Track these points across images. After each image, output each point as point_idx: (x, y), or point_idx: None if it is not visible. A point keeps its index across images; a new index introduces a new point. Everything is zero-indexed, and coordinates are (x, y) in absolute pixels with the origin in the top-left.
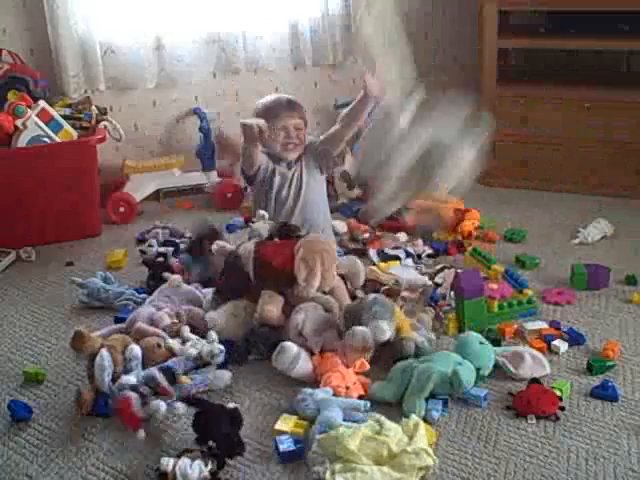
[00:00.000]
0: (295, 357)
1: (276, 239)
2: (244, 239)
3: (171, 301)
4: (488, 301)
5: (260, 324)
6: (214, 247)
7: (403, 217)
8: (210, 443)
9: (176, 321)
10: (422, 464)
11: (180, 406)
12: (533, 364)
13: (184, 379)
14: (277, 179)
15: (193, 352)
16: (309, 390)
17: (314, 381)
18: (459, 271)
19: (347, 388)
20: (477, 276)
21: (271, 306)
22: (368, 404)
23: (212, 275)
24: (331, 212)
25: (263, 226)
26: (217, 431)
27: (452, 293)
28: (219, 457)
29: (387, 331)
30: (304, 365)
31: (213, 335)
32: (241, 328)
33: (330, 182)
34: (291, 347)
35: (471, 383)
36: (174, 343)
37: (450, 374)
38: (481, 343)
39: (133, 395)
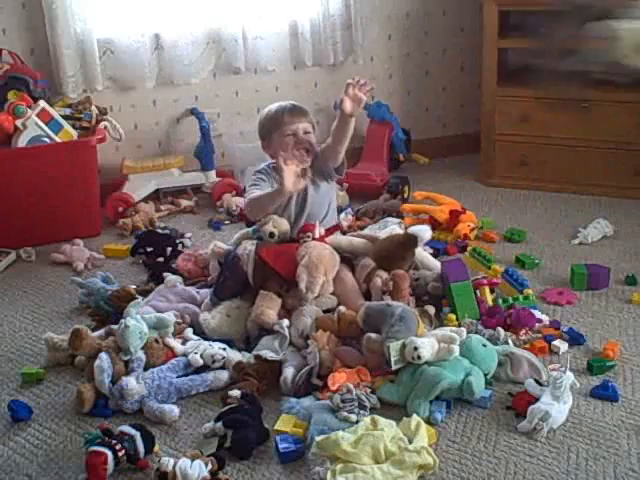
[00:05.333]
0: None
1: None
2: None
3: (168, 300)
4: (478, 287)
5: (257, 326)
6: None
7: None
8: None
9: (180, 321)
10: (422, 462)
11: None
12: (529, 370)
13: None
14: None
15: (199, 361)
16: (294, 399)
17: None
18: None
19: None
20: (460, 262)
21: (270, 310)
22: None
23: None
24: None
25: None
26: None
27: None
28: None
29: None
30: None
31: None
32: (234, 328)
33: None
34: (291, 372)
35: (482, 390)
36: (175, 343)
37: (461, 384)
38: (484, 345)
39: (109, 454)
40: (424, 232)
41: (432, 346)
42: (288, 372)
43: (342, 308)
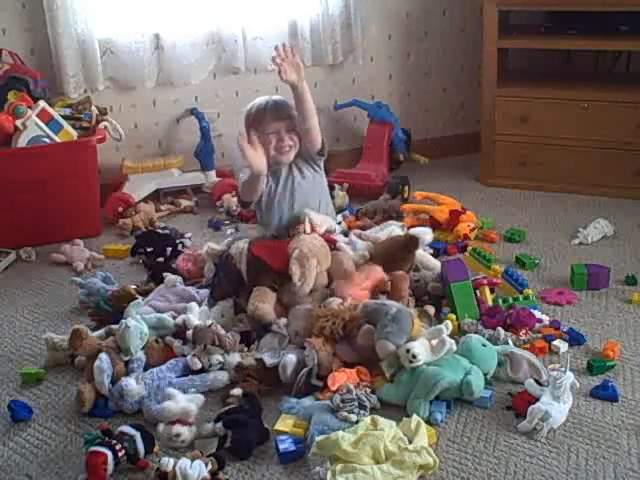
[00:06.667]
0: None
1: None
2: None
3: (167, 300)
4: (478, 287)
5: (255, 324)
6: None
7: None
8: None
9: (178, 322)
10: (422, 462)
11: None
12: (529, 370)
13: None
14: (273, 185)
15: (197, 364)
16: (294, 399)
17: None
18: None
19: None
20: (460, 262)
21: (264, 304)
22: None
23: None
24: None
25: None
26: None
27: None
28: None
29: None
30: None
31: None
32: (229, 327)
33: None
34: (292, 360)
35: (481, 390)
36: (176, 343)
37: (461, 383)
38: (484, 345)
39: (109, 454)
40: (425, 235)
41: (424, 346)
42: (288, 359)
43: (337, 299)
